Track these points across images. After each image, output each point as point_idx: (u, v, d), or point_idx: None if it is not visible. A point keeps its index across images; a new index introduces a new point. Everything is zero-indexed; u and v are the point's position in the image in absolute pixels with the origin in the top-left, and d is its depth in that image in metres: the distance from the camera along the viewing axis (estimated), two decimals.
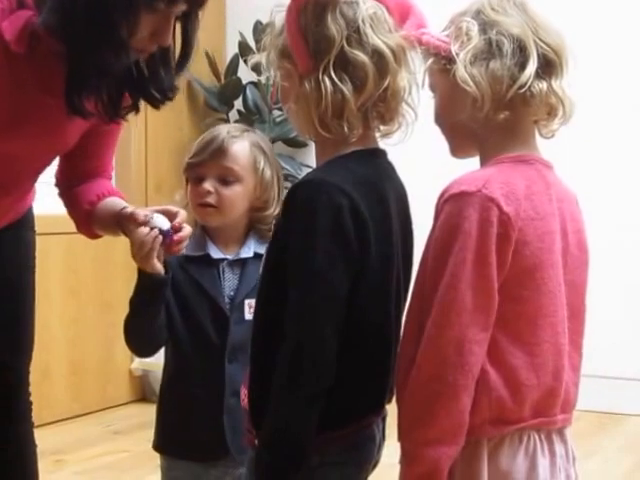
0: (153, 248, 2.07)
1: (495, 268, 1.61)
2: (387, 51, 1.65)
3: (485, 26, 1.69)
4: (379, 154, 1.75)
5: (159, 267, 2.10)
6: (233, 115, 5.28)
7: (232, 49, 5.36)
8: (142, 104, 2.14)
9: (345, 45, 1.64)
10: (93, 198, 2.27)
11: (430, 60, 1.73)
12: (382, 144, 1.78)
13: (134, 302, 2.14)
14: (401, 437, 1.65)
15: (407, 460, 1.64)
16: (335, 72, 1.63)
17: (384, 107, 1.68)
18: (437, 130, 1.80)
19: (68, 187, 2.32)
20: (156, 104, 2.12)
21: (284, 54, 1.69)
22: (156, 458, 2.28)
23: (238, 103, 5.28)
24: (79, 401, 4.63)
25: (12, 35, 1.94)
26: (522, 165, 1.71)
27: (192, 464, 2.20)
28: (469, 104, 1.68)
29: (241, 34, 5.17)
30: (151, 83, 2.08)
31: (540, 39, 1.68)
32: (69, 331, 4.57)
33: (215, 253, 2.21)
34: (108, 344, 4.71)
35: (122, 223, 2.18)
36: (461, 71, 1.67)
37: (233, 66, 5.30)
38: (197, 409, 2.18)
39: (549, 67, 1.69)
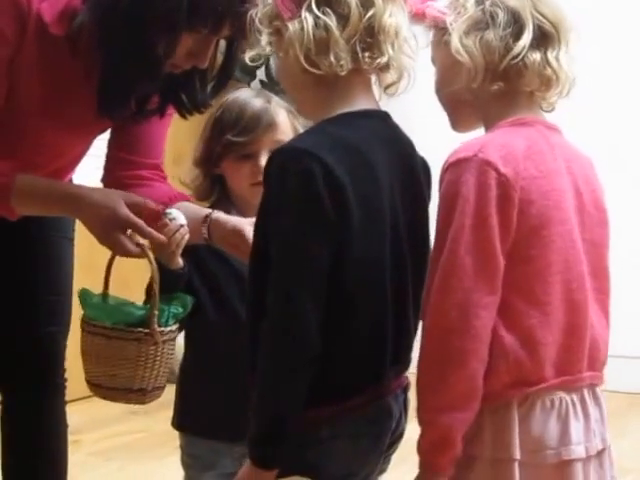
0: (179, 246, 2.04)
1: (497, 231, 1.62)
2: None
3: None
4: (372, 115, 1.72)
5: (182, 263, 2.08)
6: (255, 85, 5.20)
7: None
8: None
9: None
10: (165, 200, 2.17)
11: (431, 33, 1.78)
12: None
13: (152, 291, 2.06)
14: (417, 405, 1.67)
15: (422, 427, 1.66)
16: (318, 8, 1.63)
17: (372, 41, 1.66)
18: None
19: (122, 181, 2.23)
20: (184, 112, 2.09)
21: (271, 17, 1.69)
22: (175, 438, 2.25)
23: (260, 73, 5.21)
24: (85, 385, 4.55)
25: (52, 17, 1.93)
26: (522, 127, 1.72)
27: (214, 442, 2.17)
28: (464, 75, 1.70)
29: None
30: (183, 90, 2.06)
31: (537, 10, 1.70)
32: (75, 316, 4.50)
33: None
34: None
35: (211, 230, 2.10)
36: (455, 41, 1.69)
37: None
38: (222, 386, 2.13)
39: (545, 39, 1.71)
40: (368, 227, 1.64)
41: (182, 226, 2.03)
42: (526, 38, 1.69)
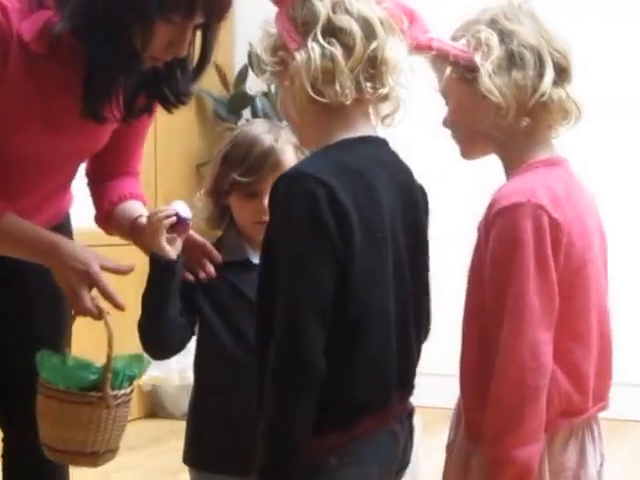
0: (162, 225, 2.06)
1: (554, 271, 1.70)
2: (373, 17, 1.69)
3: (503, 36, 1.77)
4: (371, 141, 1.74)
5: (168, 250, 2.07)
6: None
7: (241, 59, 5.33)
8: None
9: (331, 14, 1.68)
10: (114, 199, 2.25)
11: (448, 69, 1.80)
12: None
13: (146, 288, 2.09)
14: (488, 444, 1.72)
15: (497, 464, 1.71)
16: (324, 38, 1.66)
17: (374, 72, 1.69)
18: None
19: (95, 181, 2.31)
20: (169, 107, 2.12)
21: (276, 48, 1.71)
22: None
23: (246, 113, 5.26)
24: None
25: (31, 35, 1.94)
26: (555, 168, 1.81)
27: (228, 478, 2.12)
28: (492, 112, 1.76)
29: (250, 45, 5.12)
30: (166, 85, 2.08)
31: (552, 47, 1.78)
32: (77, 343, 4.46)
33: (255, 258, 2.15)
34: None
35: (134, 232, 2.16)
36: (486, 82, 1.74)
37: (242, 76, 5.29)
38: (237, 418, 2.09)
39: (563, 73, 1.78)
40: (371, 250, 1.66)
41: (176, 215, 2.06)
42: (549, 75, 1.76)
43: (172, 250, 2.08)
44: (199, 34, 2.03)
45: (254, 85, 5.18)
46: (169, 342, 2.14)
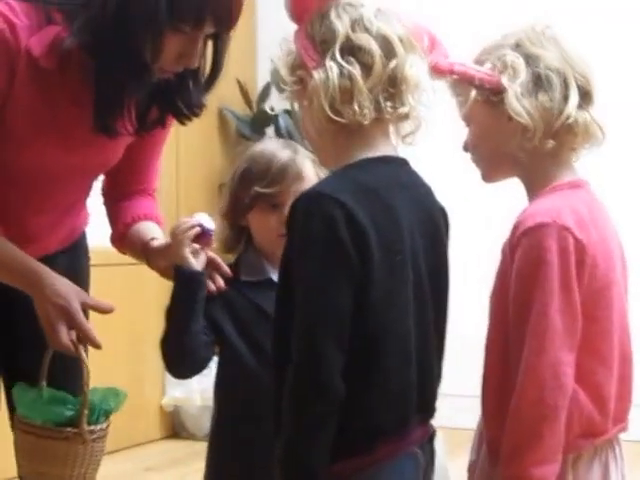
0: (187, 236, 2.05)
1: (577, 292, 1.72)
2: (393, 36, 1.68)
3: (529, 59, 1.80)
4: (391, 161, 1.73)
5: (192, 262, 2.06)
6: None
7: (264, 77, 5.32)
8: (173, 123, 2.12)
9: (350, 32, 1.67)
10: (128, 220, 2.24)
11: (472, 92, 1.82)
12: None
13: (171, 303, 2.07)
14: (505, 462, 1.73)
15: None
16: (342, 57, 1.65)
17: (394, 91, 1.67)
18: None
19: (110, 201, 2.31)
20: (182, 119, 2.11)
21: (295, 66, 1.71)
22: None
23: (270, 131, 5.25)
24: (109, 437, 4.49)
25: (40, 51, 1.95)
26: (579, 190, 1.83)
27: None
28: (519, 135, 1.79)
29: (273, 62, 5.10)
30: (179, 97, 2.07)
31: (576, 70, 1.81)
32: (99, 364, 4.43)
33: (276, 276, 2.10)
34: (138, 379, 4.66)
35: (148, 255, 2.16)
36: (514, 104, 1.77)
37: (265, 94, 5.27)
38: (262, 444, 1.97)
39: (586, 96, 1.82)
40: (390, 271, 1.64)
41: (200, 226, 2.06)
42: (574, 98, 1.78)
43: (197, 262, 2.07)
44: (210, 45, 2.01)
45: (277, 103, 5.16)
46: (192, 360, 2.11)
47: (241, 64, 5.15)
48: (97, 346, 2.02)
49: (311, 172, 2.17)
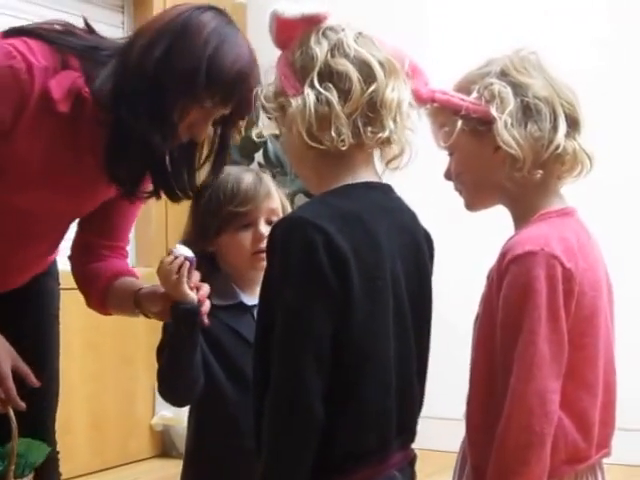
0: (182, 274, 2.03)
1: (564, 321, 1.72)
2: (372, 60, 1.67)
3: (516, 88, 1.78)
4: (374, 186, 1.73)
5: (192, 295, 2.05)
6: (254, 167, 5.27)
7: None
8: None
9: (328, 58, 1.66)
10: (109, 275, 2.25)
11: (459, 122, 1.79)
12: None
13: (174, 339, 2.07)
14: None
15: None
16: (320, 84, 1.65)
17: (374, 115, 1.66)
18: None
19: (83, 263, 2.31)
20: (175, 199, 2.16)
21: (276, 94, 1.70)
22: None
23: (258, 156, 5.25)
24: (100, 456, 4.59)
25: (60, 94, 1.98)
26: (567, 218, 1.82)
27: None
28: (507, 164, 1.76)
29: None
30: (173, 180, 2.12)
31: (562, 98, 1.79)
32: (89, 385, 4.53)
33: (248, 300, 2.18)
34: (129, 399, 4.68)
35: (142, 304, 2.16)
36: (504, 134, 1.75)
37: (253, 119, 5.25)
38: (237, 461, 2.08)
39: (574, 124, 1.80)
40: (371, 296, 1.63)
41: (186, 258, 2.04)
42: (563, 127, 1.77)
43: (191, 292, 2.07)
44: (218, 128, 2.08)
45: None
46: (196, 389, 2.12)
47: None
48: (20, 408, 2.08)
49: (275, 191, 2.21)
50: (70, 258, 2.34)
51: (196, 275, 2.08)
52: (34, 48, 1.99)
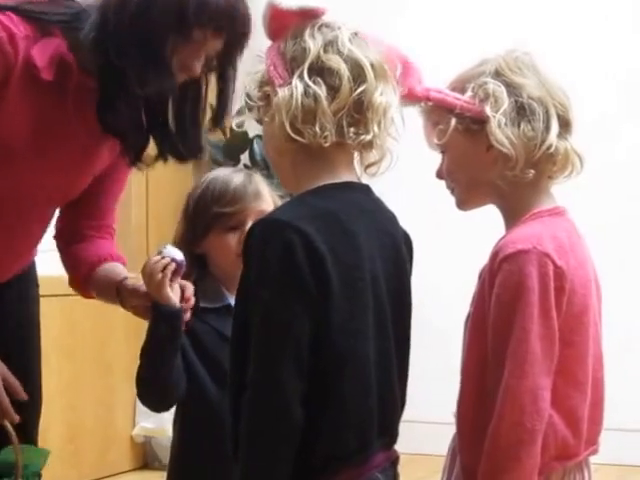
0: (165, 275, 2.05)
1: (556, 318, 1.74)
2: (365, 61, 1.67)
3: (510, 88, 1.81)
4: (353, 187, 1.72)
5: (174, 299, 2.06)
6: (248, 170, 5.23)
7: (237, 102, 5.27)
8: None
9: (321, 52, 1.66)
10: (94, 259, 2.23)
11: (452, 120, 1.82)
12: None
13: (152, 340, 2.08)
14: None
15: None
16: (310, 77, 1.65)
17: (359, 117, 1.66)
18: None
19: (68, 242, 2.29)
20: (182, 160, 2.12)
21: (262, 82, 1.70)
22: None
23: (244, 157, 5.21)
24: (77, 468, 4.49)
25: (43, 62, 1.95)
26: (559, 218, 1.86)
27: None
28: (500, 163, 1.80)
29: (247, 87, 5.08)
30: (179, 140, 2.08)
31: (554, 98, 1.82)
32: (66, 395, 4.42)
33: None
34: (108, 409, 4.61)
35: (122, 295, 2.15)
36: (497, 133, 1.78)
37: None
38: (223, 464, 1.94)
39: (565, 125, 1.83)
40: (349, 296, 1.64)
41: (174, 260, 2.04)
42: (555, 127, 1.80)
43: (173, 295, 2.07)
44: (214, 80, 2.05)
45: (252, 128, 5.13)
46: (177, 393, 2.12)
47: (214, 89, 5.11)
48: (13, 420, 2.06)
49: (267, 192, 2.19)
50: (55, 238, 2.31)
51: (175, 283, 2.07)
52: (14, 18, 1.96)
